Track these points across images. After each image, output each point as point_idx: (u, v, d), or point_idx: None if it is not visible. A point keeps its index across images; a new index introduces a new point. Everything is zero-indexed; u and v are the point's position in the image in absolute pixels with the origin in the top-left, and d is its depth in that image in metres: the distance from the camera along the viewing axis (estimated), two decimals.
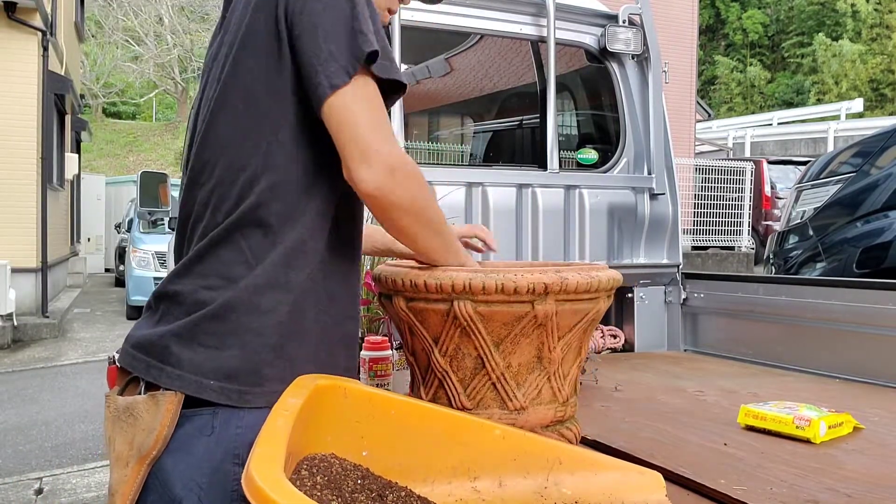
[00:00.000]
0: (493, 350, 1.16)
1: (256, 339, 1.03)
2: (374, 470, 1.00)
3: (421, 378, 1.27)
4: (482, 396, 1.18)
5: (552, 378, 1.20)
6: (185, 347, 1.03)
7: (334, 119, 1.01)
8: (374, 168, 1.01)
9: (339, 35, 1.02)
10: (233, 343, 1.02)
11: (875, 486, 1.37)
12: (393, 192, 1.03)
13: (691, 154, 14.31)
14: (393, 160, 1.02)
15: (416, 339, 1.24)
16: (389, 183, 1.02)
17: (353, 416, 1.03)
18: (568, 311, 1.16)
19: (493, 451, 1.07)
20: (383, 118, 1.04)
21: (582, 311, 1.17)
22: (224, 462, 1.01)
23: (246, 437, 1.00)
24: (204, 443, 1.01)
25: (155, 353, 1.04)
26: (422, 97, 3.47)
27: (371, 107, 1.03)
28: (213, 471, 1.00)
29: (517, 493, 1.05)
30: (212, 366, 1.02)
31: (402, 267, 1.28)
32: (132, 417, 1.02)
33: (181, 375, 1.02)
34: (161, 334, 1.04)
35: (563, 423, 1.25)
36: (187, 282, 1.06)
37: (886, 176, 3.56)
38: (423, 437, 1.06)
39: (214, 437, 1.01)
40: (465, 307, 1.13)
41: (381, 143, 1.01)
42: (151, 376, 1.03)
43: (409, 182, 1.04)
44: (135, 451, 1.02)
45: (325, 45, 1.01)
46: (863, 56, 28.29)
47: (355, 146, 1.01)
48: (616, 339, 2.75)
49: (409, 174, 1.04)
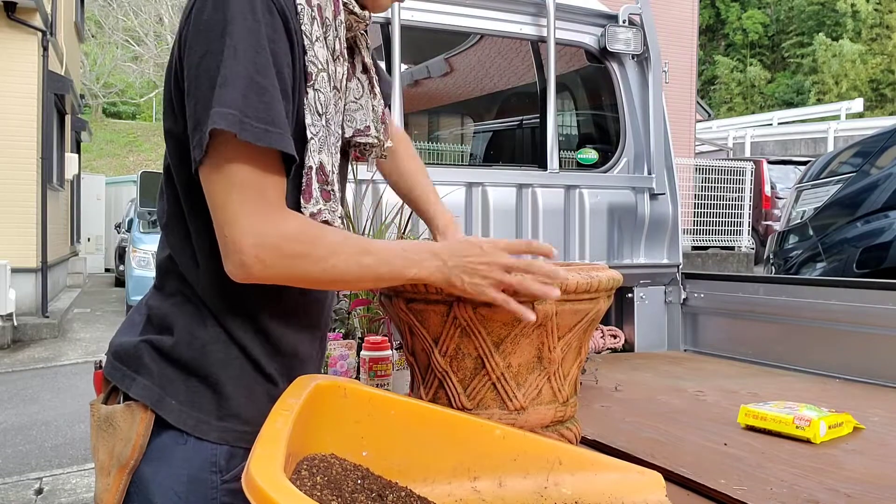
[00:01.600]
0: (494, 350, 1.15)
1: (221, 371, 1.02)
2: (373, 470, 1.00)
3: (421, 378, 1.27)
4: (482, 397, 1.18)
5: (552, 378, 1.20)
6: (158, 360, 1.02)
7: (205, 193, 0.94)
8: (231, 262, 0.93)
9: (203, 94, 0.90)
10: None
11: (875, 486, 1.37)
12: (267, 276, 0.94)
13: (691, 154, 14.31)
14: (250, 253, 0.91)
15: (417, 340, 1.24)
16: (256, 272, 0.93)
17: (352, 417, 1.03)
18: (568, 311, 1.16)
19: (493, 451, 1.06)
20: (249, 194, 0.91)
21: (582, 311, 1.17)
22: (201, 471, 1.00)
23: (222, 446, 1.01)
24: (180, 452, 1.00)
25: (130, 362, 1.03)
26: (422, 97, 3.47)
27: (229, 184, 0.91)
28: (190, 479, 1.00)
29: (517, 493, 1.05)
30: (178, 386, 1.01)
31: None
32: (112, 427, 1.02)
33: (147, 387, 1.01)
34: (136, 343, 1.04)
35: (564, 423, 1.25)
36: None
37: (886, 176, 3.56)
38: (423, 437, 1.06)
39: (190, 446, 1.00)
40: (465, 309, 1.13)
41: (239, 234, 0.91)
42: (125, 386, 1.03)
43: (286, 262, 0.94)
44: (115, 461, 1.01)
45: (192, 106, 0.92)
46: (863, 56, 28.30)
47: (218, 233, 0.93)
48: (616, 339, 2.75)
49: (282, 254, 0.93)
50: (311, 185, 1.01)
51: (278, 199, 0.94)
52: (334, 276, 0.98)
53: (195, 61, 0.92)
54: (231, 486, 1.00)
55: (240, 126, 0.88)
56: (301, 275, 0.96)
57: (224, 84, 0.89)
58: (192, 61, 0.92)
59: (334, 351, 2.08)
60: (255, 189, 0.92)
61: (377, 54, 2.84)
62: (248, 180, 0.91)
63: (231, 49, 0.90)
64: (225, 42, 0.90)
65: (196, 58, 0.92)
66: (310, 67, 0.99)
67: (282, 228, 0.93)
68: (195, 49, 0.93)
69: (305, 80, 0.99)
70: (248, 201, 0.91)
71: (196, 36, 0.93)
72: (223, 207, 0.92)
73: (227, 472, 1.01)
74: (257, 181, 0.92)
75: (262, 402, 1.02)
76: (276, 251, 0.92)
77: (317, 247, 0.96)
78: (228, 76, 0.89)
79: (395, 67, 2.62)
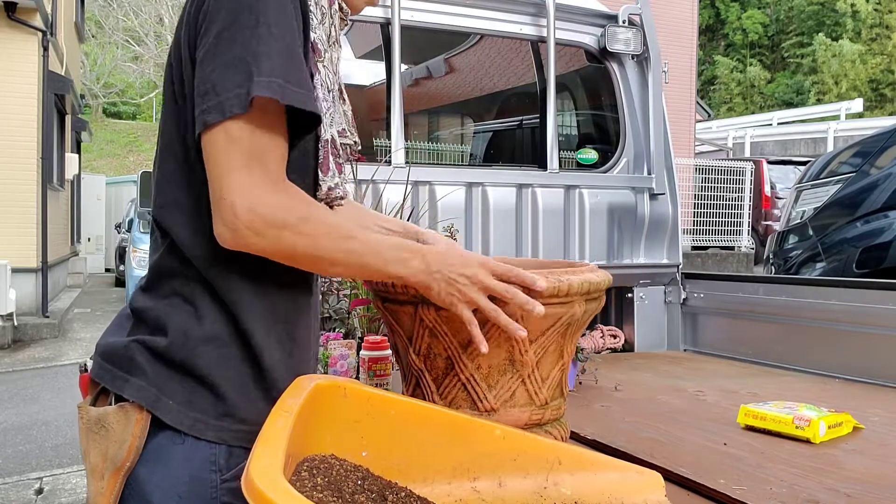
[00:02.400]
0: (462, 352, 1.15)
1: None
2: (373, 470, 1.00)
3: (403, 376, 1.28)
4: (454, 396, 1.18)
5: (527, 381, 1.18)
6: (151, 360, 1.01)
7: (205, 157, 0.96)
8: (223, 224, 0.94)
9: (226, 60, 0.93)
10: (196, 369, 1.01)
11: (875, 486, 1.38)
12: (254, 244, 0.95)
13: (691, 154, 14.31)
14: (244, 218, 0.92)
15: (397, 338, 1.25)
16: (245, 238, 0.94)
17: (352, 417, 1.03)
18: (535, 315, 1.13)
19: (493, 451, 1.06)
20: (255, 163, 0.93)
21: (553, 315, 1.14)
22: (201, 470, 0.99)
23: (221, 445, 1.00)
24: (178, 451, 0.99)
25: (121, 363, 1.02)
26: (422, 97, 3.47)
27: (238, 152, 0.93)
28: (190, 479, 0.99)
29: (517, 493, 1.05)
30: (175, 386, 1.00)
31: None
32: (104, 429, 1.01)
33: (143, 387, 1.00)
34: (126, 344, 1.03)
35: (542, 426, 1.23)
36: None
37: (886, 176, 3.56)
38: (423, 437, 1.06)
39: (189, 445, 0.99)
40: (428, 310, 1.13)
41: (238, 199, 0.92)
42: (116, 387, 1.01)
43: (276, 233, 0.94)
44: (109, 464, 1.00)
45: (206, 72, 0.94)
46: (863, 56, 28.30)
47: (215, 196, 0.94)
48: (616, 339, 2.75)
49: (274, 224, 0.94)
50: (328, 158, 1.04)
51: (279, 171, 0.96)
52: (319, 255, 0.98)
53: (218, 30, 0.94)
54: (231, 485, 1.00)
55: (282, 92, 0.92)
56: (287, 248, 0.96)
57: (263, 56, 0.92)
58: (215, 29, 0.94)
59: (334, 351, 2.08)
60: (261, 160, 0.94)
61: (377, 54, 2.85)
62: (257, 150, 0.94)
63: (265, 25, 0.93)
64: (257, 17, 0.93)
65: (219, 27, 0.94)
66: (319, 45, 1.03)
67: (280, 199, 0.95)
68: (217, 20, 0.94)
69: (315, 56, 1.02)
70: (254, 170, 0.93)
71: (218, 9, 0.95)
72: (227, 173, 0.93)
73: (226, 472, 1.00)
74: (264, 152, 0.94)
75: (258, 402, 1.02)
76: (269, 220, 0.93)
77: (309, 223, 0.96)
78: (266, 49, 0.92)
79: (395, 67, 2.62)
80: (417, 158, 3.07)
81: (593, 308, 1.24)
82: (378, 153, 2.75)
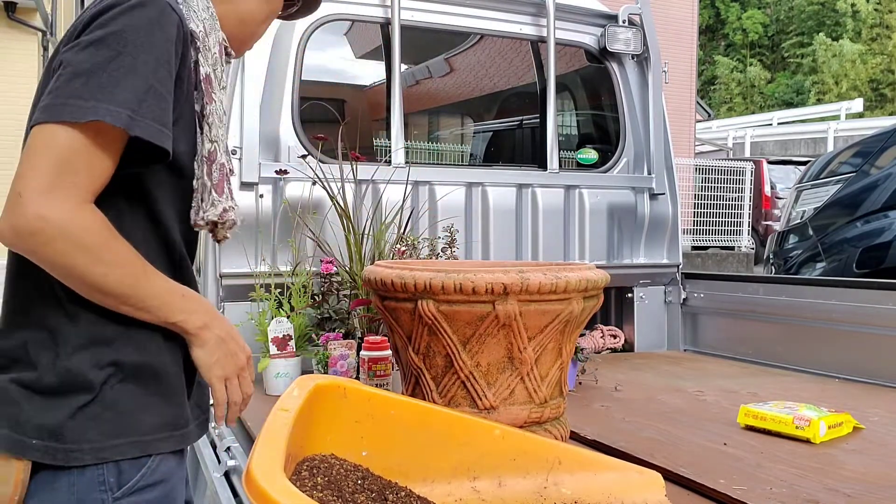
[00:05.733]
0: (461, 349, 1.15)
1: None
2: (373, 470, 1.00)
3: (403, 375, 1.28)
4: (453, 394, 1.18)
5: (526, 379, 1.19)
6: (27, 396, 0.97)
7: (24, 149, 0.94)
8: (9, 219, 0.90)
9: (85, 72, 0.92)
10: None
11: (875, 486, 1.38)
12: (33, 250, 0.92)
13: (691, 154, 14.30)
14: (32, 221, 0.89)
15: (396, 337, 1.25)
16: (24, 240, 0.91)
17: (352, 417, 1.03)
18: (534, 311, 1.14)
19: (493, 451, 1.07)
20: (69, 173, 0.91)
21: (551, 312, 1.15)
22: (90, 492, 0.97)
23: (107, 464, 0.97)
24: (63, 479, 0.97)
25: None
26: (422, 97, 3.47)
27: (56, 155, 0.90)
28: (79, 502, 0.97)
29: (517, 493, 1.05)
30: (39, 422, 0.96)
31: (377, 266, 1.30)
32: None
33: (5, 436, 0.96)
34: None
35: (541, 424, 1.24)
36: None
37: (886, 176, 3.56)
38: (423, 437, 1.06)
39: (74, 472, 0.97)
40: (428, 306, 1.13)
41: (36, 199, 0.89)
42: None
43: (65, 247, 0.91)
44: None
45: (66, 75, 0.93)
46: (863, 56, 28.29)
47: (13, 186, 0.91)
48: (616, 339, 2.75)
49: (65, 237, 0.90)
50: (223, 181, 1.07)
51: (89, 191, 0.93)
52: (102, 285, 0.94)
53: (89, 40, 0.94)
54: (125, 501, 0.98)
55: (129, 122, 0.91)
56: (68, 267, 0.93)
57: (121, 83, 0.92)
58: (87, 39, 0.94)
59: (334, 351, 2.08)
60: (75, 173, 0.91)
61: (377, 54, 2.85)
62: (76, 163, 0.91)
63: (130, 56, 0.93)
64: (125, 44, 0.93)
65: (91, 38, 0.93)
66: (213, 79, 1.07)
67: (82, 216, 0.92)
68: (94, 32, 0.94)
69: (204, 92, 1.05)
70: (65, 180, 0.91)
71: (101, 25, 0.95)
72: (35, 173, 0.90)
73: (118, 489, 0.98)
74: (82, 169, 0.92)
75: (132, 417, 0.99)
76: (61, 232, 0.90)
77: (104, 250, 0.93)
78: (127, 79, 0.92)
79: (395, 67, 2.62)
80: (417, 158, 3.07)
81: (591, 306, 1.24)
82: (378, 153, 2.75)
